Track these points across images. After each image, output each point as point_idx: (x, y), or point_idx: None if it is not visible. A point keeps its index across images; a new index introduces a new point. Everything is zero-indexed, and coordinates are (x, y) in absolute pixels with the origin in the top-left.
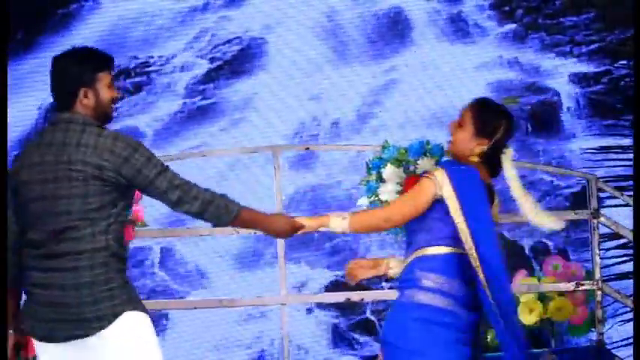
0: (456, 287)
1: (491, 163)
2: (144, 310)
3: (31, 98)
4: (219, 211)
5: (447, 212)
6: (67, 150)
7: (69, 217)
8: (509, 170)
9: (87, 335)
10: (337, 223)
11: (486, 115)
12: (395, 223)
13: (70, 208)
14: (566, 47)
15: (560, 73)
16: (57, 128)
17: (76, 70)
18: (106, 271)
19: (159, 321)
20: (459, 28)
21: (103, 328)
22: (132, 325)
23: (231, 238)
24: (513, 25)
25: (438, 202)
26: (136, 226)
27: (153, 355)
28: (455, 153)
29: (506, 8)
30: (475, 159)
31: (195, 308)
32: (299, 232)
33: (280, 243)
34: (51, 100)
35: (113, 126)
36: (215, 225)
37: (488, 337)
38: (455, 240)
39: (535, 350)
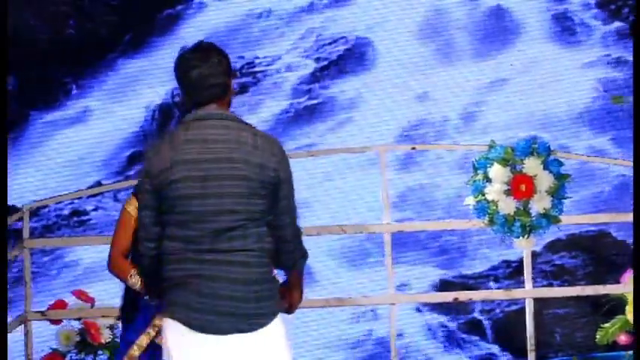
0: None
1: None
2: None
3: (139, 99)
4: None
5: None
6: (228, 147)
7: (235, 217)
8: None
9: (249, 331)
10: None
11: None
12: None
13: (236, 207)
14: None
15: None
16: (207, 124)
17: (229, 61)
18: (270, 270)
19: None
20: (565, 27)
21: (264, 325)
22: (281, 325)
23: (339, 237)
24: (619, 24)
25: None
26: None
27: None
28: None
29: (612, 6)
30: None
31: (302, 307)
32: None
33: (387, 242)
34: (158, 100)
35: None
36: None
37: (598, 335)
38: None
39: None
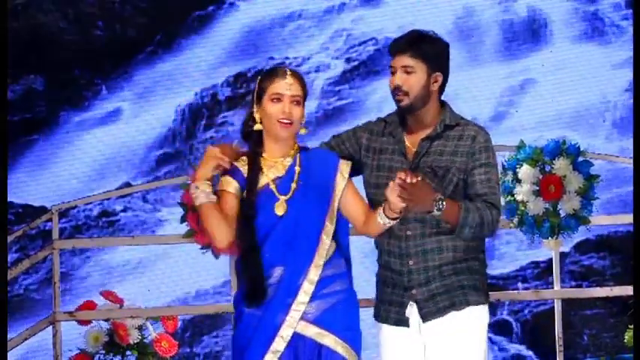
0: None
1: None
2: None
3: (168, 100)
4: None
5: None
6: None
7: None
8: None
9: None
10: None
11: None
12: None
13: None
14: None
15: None
16: None
17: None
18: None
19: None
20: (595, 27)
21: None
22: None
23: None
24: None
25: None
26: None
27: None
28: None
29: None
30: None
31: None
32: None
33: None
34: (187, 101)
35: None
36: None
37: (626, 336)
38: None
39: None
